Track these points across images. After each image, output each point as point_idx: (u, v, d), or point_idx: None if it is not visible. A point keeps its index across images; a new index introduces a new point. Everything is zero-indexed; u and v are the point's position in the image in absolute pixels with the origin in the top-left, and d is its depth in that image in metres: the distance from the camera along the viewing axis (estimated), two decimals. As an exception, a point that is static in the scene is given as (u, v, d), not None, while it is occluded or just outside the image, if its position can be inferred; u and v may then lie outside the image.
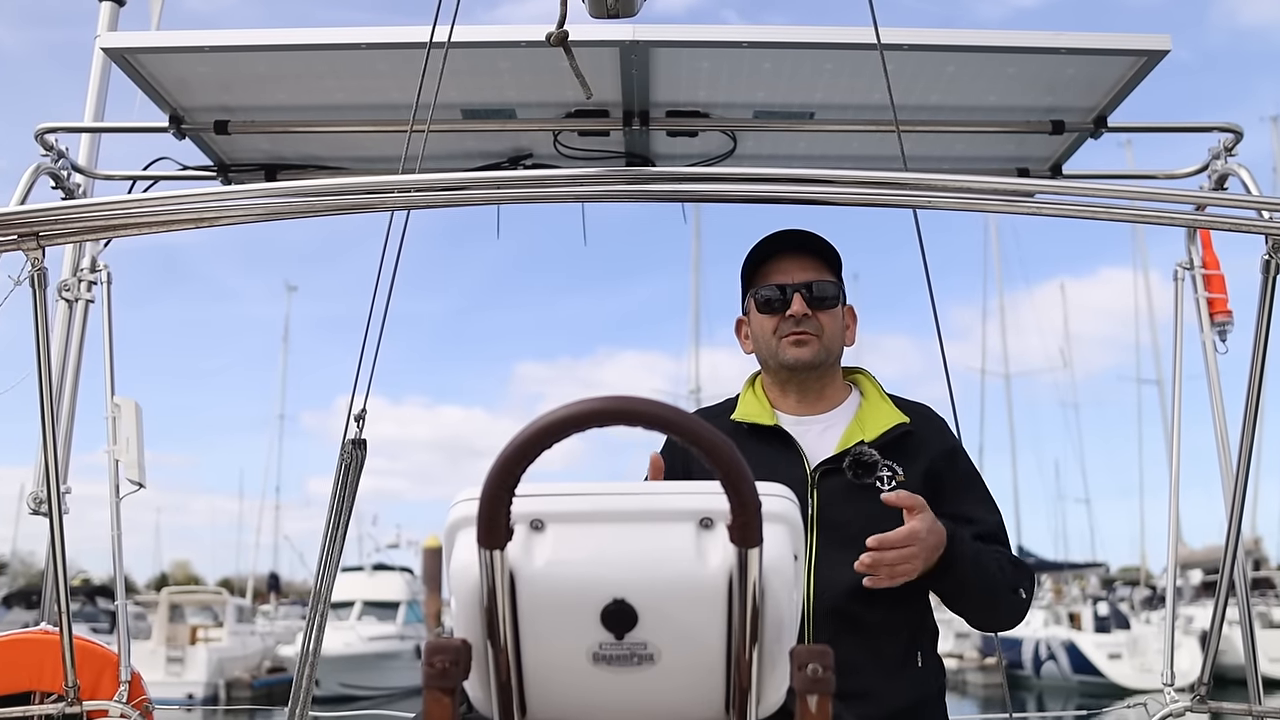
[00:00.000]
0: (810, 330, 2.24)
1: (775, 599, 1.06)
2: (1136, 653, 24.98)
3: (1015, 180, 3.06)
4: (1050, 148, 3.12)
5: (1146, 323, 39.76)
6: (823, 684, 1.00)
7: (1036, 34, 2.66)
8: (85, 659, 2.57)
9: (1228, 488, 2.62)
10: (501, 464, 0.98)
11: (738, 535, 1.00)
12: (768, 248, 2.31)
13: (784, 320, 2.25)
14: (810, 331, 2.24)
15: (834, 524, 2.11)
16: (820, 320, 2.25)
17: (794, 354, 2.24)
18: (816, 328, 2.24)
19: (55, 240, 1.92)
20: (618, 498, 1.11)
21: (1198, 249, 2.90)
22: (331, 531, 2.60)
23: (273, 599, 39.28)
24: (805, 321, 2.23)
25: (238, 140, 3.05)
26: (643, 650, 1.07)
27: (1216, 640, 2.56)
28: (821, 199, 1.90)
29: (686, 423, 0.98)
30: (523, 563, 1.05)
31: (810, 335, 2.24)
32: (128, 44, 2.69)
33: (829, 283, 2.27)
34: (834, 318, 2.28)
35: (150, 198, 2.01)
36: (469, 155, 3.17)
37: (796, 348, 2.24)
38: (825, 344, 2.25)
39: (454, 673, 1.02)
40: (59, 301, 2.99)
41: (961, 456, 2.31)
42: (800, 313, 2.23)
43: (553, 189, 1.95)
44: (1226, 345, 2.83)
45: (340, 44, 2.64)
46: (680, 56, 2.69)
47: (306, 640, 2.61)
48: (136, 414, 3.01)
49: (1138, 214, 1.94)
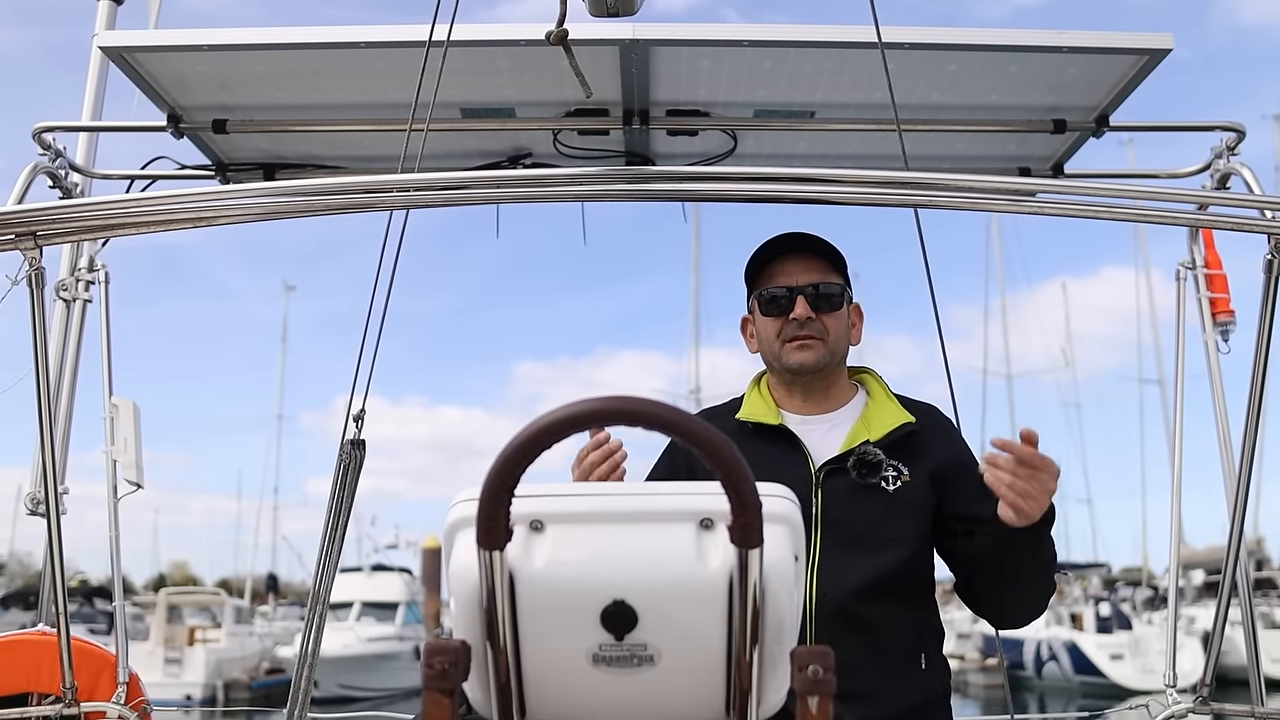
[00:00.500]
0: (814, 334, 2.24)
1: (776, 600, 1.06)
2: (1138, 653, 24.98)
3: (1017, 180, 3.06)
4: (1052, 147, 3.12)
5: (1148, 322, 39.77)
6: (823, 685, 1.00)
7: (1038, 33, 2.66)
8: (83, 660, 2.57)
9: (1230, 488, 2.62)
10: (501, 464, 0.98)
11: (738, 536, 1.00)
12: (772, 248, 2.31)
13: (788, 323, 2.25)
14: (814, 335, 2.24)
15: (838, 524, 2.11)
16: (824, 323, 2.24)
17: (797, 358, 2.24)
18: (820, 331, 2.24)
19: (53, 240, 1.92)
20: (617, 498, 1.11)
21: (1200, 248, 2.91)
22: (330, 532, 2.60)
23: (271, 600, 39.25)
24: (809, 325, 2.23)
25: (236, 139, 3.05)
26: (643, 651, 1.07)
27: (1219, 641, 2.56)
28: (823, 198, 1.90)
29: (686, 423, 0.98)
30: (522, 563, 1.05)
31: (814, 339, 2.24)
32: (126, 43, 2.69)
33: (833, 284, 2.27)
34: (838, 320, 2.27)
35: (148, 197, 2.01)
36: (468, 154, 3.17)
37: (800, 352, 2.24)
38: (829, 347, 2.25)
39: (453, 674, 1.02)
40: (57, 301, 2.98)
41: (970, 458, 2.30)
42: (804, 316, 2.23)
43: (552, 188, 1.95)
44: (1229, 345, 2.83)
45: (339, 43, 2.64)
46: (680, 55, 2.69)
47: (305, 641, 2.61)
48: (134, 414, 3.01)
49: (1140, 213, 1.94)
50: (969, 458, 2.27)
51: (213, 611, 27.62)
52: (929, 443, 2.23)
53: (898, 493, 2.15)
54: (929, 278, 2.63)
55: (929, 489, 2.18)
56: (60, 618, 2.36)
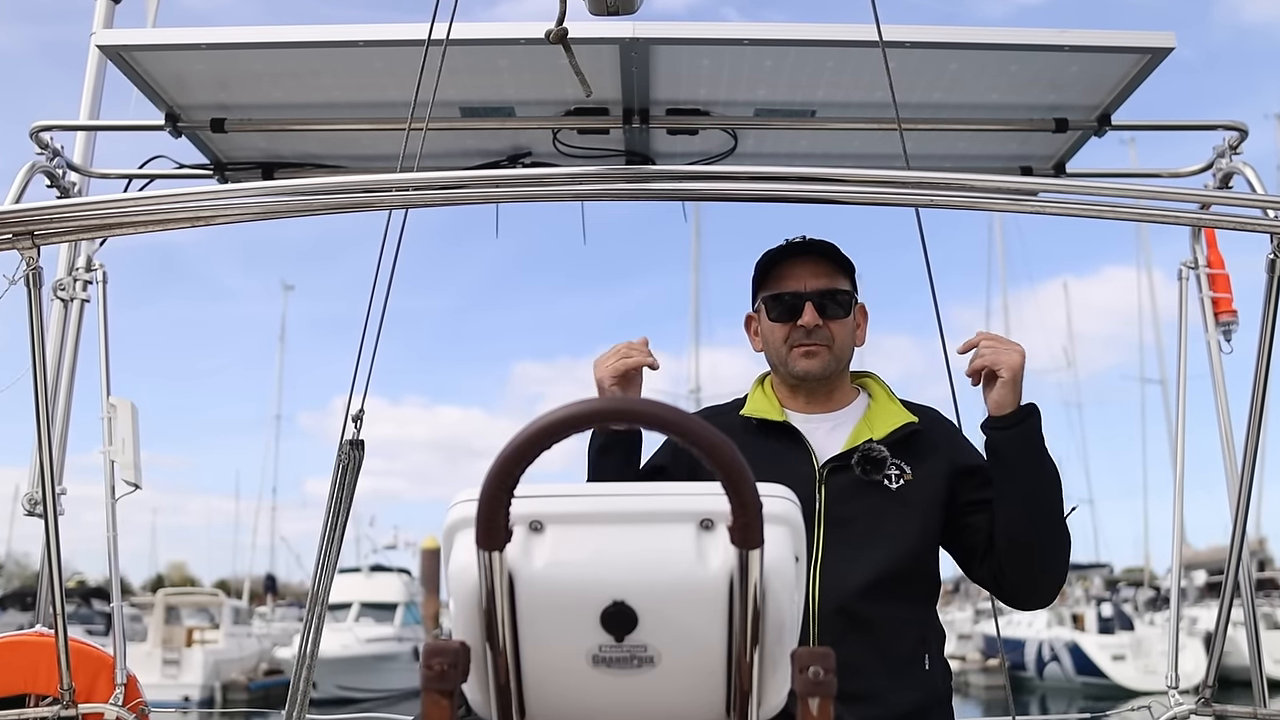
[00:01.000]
0: (821, 341, 2.24)
1: (776, 601, 1.06)
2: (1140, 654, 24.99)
3: (1019, 179, 3.06)
4: (1053, 146, 3.12)
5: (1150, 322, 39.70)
6: (824, 687, 1.00)
7: (1039, 31, 2.66)
8: (81, 661, 2.57)
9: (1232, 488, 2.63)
10: (500, 464, 0.98)
11: (738, 536, 1.00)
12: (783, 251, 2.32)
13: (795, 330, 2.25)
14: (820, 343, 2.24)
15: (841, 521, 2.12)
16: (831, 330, 2.25)
17: (804, 366, 2.25)
18: (827, 338, 2.24)
19: (50, 239, 1.92)
20: (617, 499, 1.11)
21: (1202, 248, 2.91)
22: (329, 532, 2.60)
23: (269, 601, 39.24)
24: (816, 332, 2.24)
25: (234, 138, 3.05)
26: (643, 653, 1.07)
27: (1221, 642, 2.56)
28: (823, 198, 1.90)
29: (686, 423, 0.98)
30: (522, 564, 1.05)
31: (820, 346, 2.24)
32: (123, 41, 2.69)
33: (842, 292, 2.27)
34: (845, 327, 2.28)
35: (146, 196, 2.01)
36: (467, 154, 3.17)
37: (806, 360, 2.25)
38: (835, 354, 2.26)
39: (452, 675, 1.02)
40: (54, 301, 2.99)
41: (975, 455, 2.31)
42: (812, 324, 2.23)
43: (552, 187, 1.95)
44: (1231, 345, 2.83)
45: (338, 41, 2.64)
46: (680, 54, 2.69)
47: (304, 642, 2.61)
48: (132, 414, 3.01)
49: (1142, 213, 1.94)
50: (974, 455, 2.28)
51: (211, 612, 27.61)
52: (932, 443, 2.23)
53: (900, 491, 2.16)
54: (930, 278, 2.63)
55: (933, 488, 2.18)
56: (58, 618, 2.37)
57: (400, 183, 1.95)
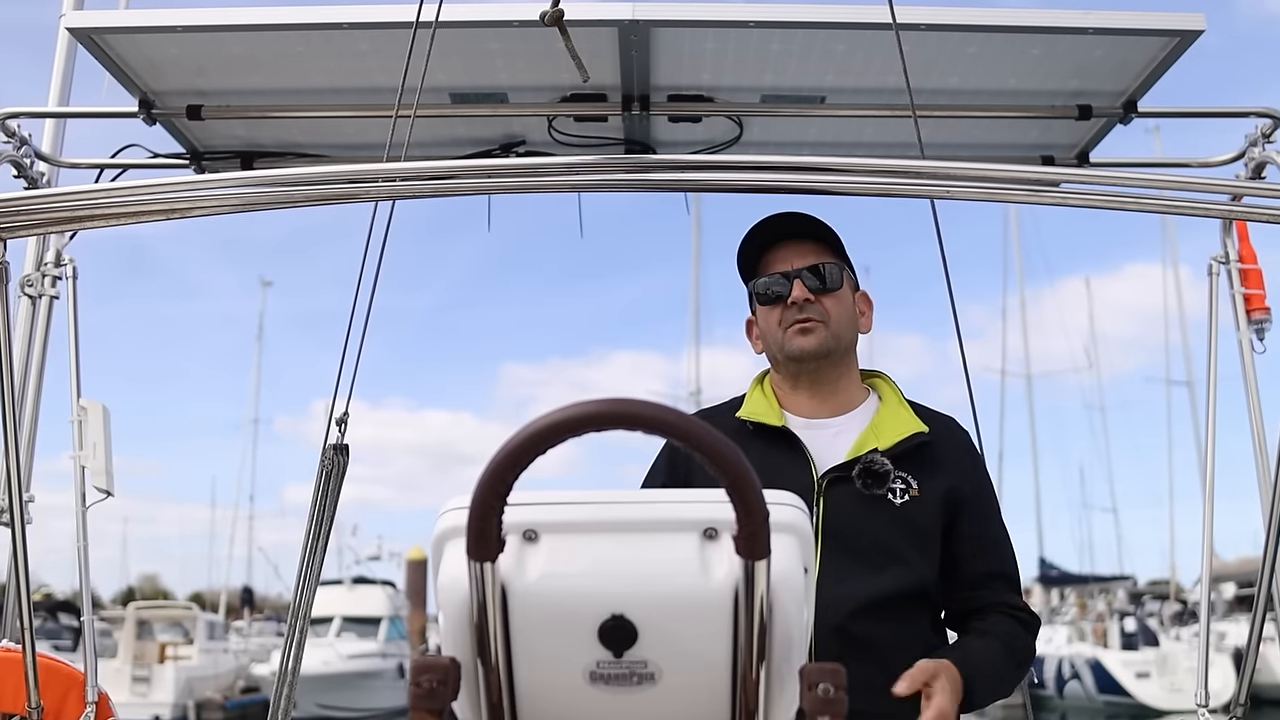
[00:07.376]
0: (815, 316, 2.24)
1: (784, 614, 1.06)
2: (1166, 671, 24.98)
3: (1040, 169, 3.06)
4: (1076, 134, 3.12)
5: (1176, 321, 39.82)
6: (835, 705, 1.00)
7: (1062, 13, 2.66)
8: (49, 678, 2.56)
9: (1265, 495, 2.62)
10: (492, 471, 0.98)
11: (744, 547, 1.00)
12: (761, 236, 2.32)
13: (787, 309, 2.25)
14: (815, 317, 2.24)
15: (840, 536, 2.11)
16: (825, 305, 2.25)
17: (799, 343, 2.24)
18: (821, 313, 2.24)
19: (18, 233, 1.92)
20: (616, 507, 1.11)
21: (1234, 242, 2.90)
22: (311, 543, 2.60)
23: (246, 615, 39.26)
24: (809, 307, 2.24)
25: (212, 126, 3.04)
26: (643, 669, 1.07)
27: (1254, 658, 2.56)
28: (833, 188, 1.90)
29: (689, 426, 0.98)
30: (515, 576, 1.05)
31: (815, 321, 2.24)
32: (94, 23, 2.69)
33: (831, 264, 2.27)
34: (839, 301, 2.27)
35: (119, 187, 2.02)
36: (458, 142, 3.17)
37: (802, 336, 2.24)
38: (832, 330, 2.25)
39: (442, 693, 1.02)
40: (21, 298, 2.99)
41: (984, 480, 2.30)
42: (802, 298, 2.23)
43: (547, 178, 1.95)
44: (1264, 344, 2.83)
45: (321, 23, 2.64)
46: (683, 37, 2.69)
47: (285, 658, 2.61)
48: (104, 417, 3.01)
49: (1170, 204, 1.94)
50: (981, 482, 2.27)
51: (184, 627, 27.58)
52: (942, 457, 2.22)
53: (905, 507, 2.15)
54: (946, 273, 2.63)
55: (938, 508, 2.17)
56: (25, 633, 2.36)
57: (387, 173, 1.95)
